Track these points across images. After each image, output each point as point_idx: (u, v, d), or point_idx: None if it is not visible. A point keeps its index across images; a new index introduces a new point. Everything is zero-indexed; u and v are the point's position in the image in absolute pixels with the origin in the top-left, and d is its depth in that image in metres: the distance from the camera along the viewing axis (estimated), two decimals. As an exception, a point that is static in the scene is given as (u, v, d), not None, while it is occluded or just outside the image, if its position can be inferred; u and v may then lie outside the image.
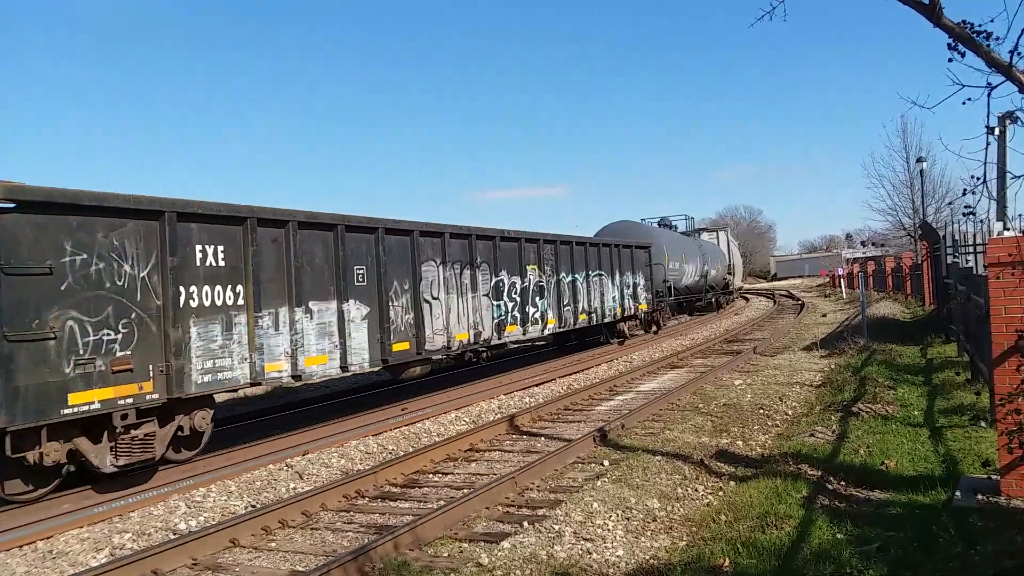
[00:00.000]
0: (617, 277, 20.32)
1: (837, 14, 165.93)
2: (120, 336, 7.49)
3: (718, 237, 41.31)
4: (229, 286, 8.73)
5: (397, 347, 11.38)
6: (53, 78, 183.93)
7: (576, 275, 17.84)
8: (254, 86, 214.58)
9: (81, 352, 7.12)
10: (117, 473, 7.75)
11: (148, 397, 7.70)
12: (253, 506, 7.67)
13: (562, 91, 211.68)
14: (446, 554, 5.88)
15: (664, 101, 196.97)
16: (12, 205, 6.78)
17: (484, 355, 15.03)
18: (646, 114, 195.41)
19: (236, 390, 10.04)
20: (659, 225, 32.93)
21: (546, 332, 16.44)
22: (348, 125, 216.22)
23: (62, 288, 7.07)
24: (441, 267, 12.61)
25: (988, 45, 4.48)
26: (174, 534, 6.81)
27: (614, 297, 20.11)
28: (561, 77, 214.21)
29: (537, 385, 14.86)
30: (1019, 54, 4.42)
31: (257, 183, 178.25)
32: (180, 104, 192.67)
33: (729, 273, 40.38)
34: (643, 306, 22.27)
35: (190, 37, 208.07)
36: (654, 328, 24.13)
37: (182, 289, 8.15)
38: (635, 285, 21.72)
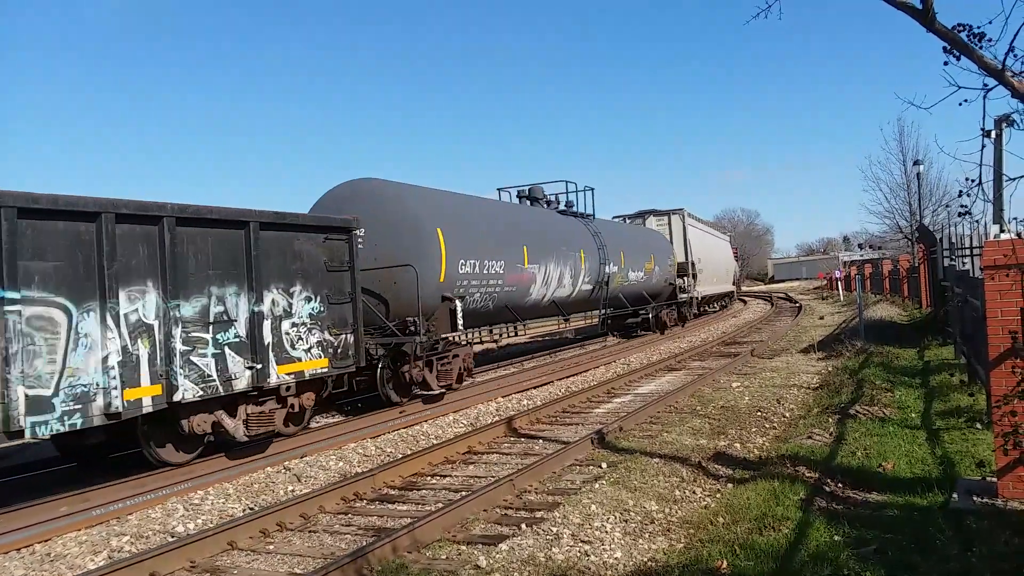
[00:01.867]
0: (182, 306, 8.21)
1: (835, 16, 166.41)
2: None
3: (670, 223, 29.29)
4: None
5: None
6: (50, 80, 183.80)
7: None
8: (273, 92, 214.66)
9: None
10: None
11: None
12: (251, 508, 7.66)
13: (562, 93, 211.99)
14: (444, 556, 5.88)
15: (663, 104, 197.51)
16: None
17: None
18: (646, 116, 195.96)
19: None
20: (520, 198, 19.84)
21: None
22: (351, 124, 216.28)
23: None
24: None
25: (981, 47, 4.51)
26: (172, 536, 6.81)
27: (132, 356, 7.69)
28: (562, 79, 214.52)
29: (535, 387, 14.87)
30: (1014, 56, 4.45)
31: (263, 183, 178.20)
32: (175, 100, 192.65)
33: (683, 275, 28.28)
34: (315, 363, 9.76)
35: (182, 30, 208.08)
36: (418, 392, 12.67)
37: None
38: (279, 318, 9.31)
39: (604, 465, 8.34)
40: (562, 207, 21.00)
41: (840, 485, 7.00)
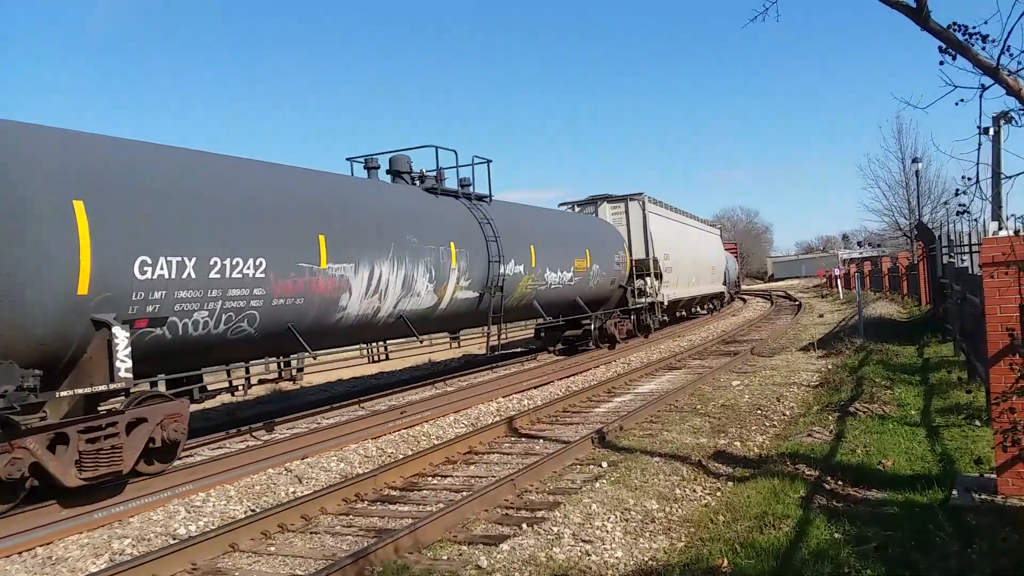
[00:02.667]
0: None
1: (833, 15, 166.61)
2: None
3: (627, 211, 23.38)
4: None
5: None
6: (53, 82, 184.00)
7: None
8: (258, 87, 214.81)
9: None
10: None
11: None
12: (252, 510, 7.67)
13: (558, 94, 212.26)
14: (445, 557, 5.90)
15: (661, 104, 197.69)
16: None
17: None
18: (643, 116, 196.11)
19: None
20: (368, 170, 14.25)
21: None
22: (352, 125, 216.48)
23: None
24: None
25: (983, 47, 4.53)
26: (173, 539, 6.81)
27: None
28: (554, 77, 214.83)
29: (536, 387, 14.88)
30: (1009, 54, 4.47)
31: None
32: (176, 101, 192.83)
33: (644, 274, 22.87)
34: None
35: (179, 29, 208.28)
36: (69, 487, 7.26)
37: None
38: None
39: (605, 464, 8.35)
40: (450, 185, 15.24)
41: (840, 483, 7.01)
